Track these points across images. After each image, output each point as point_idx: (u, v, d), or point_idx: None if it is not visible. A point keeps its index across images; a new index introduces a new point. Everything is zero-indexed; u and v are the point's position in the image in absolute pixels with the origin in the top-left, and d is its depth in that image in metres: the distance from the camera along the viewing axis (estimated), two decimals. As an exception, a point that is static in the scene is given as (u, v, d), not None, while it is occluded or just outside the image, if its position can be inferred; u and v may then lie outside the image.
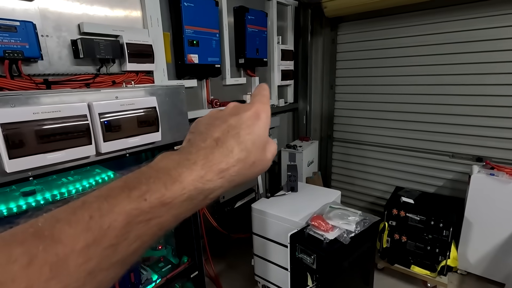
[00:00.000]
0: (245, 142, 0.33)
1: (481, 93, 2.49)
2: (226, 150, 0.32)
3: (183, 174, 0.29)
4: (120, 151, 1.27)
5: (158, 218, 0.28)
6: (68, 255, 0.23)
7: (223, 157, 0.31)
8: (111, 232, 0.25)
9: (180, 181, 0.29)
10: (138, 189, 0.27)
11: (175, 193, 0.28)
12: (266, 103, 0.37)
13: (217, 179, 0.31)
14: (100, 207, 0.26)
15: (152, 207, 0.27)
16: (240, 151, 0.32)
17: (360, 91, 3.19)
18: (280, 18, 3.06)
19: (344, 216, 1.82)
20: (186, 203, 0.29)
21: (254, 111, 0.35)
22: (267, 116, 0.36)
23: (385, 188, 3.20)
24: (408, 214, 2.37)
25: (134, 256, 0.27)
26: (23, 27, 1.29)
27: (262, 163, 0.35)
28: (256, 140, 0.34)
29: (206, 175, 0.30)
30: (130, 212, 0.26)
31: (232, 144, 0.32)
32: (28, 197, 1.22)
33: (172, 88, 1.48)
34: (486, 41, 2.39)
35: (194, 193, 0.29)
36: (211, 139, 0.32)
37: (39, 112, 0.95)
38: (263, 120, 0.35)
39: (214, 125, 0.34)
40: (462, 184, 2.66)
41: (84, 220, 0.25)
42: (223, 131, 0.33)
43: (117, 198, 0.27)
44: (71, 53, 1.56)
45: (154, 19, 1.88)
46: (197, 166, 0.30)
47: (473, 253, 2.36)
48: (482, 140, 2.56)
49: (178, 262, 1.81)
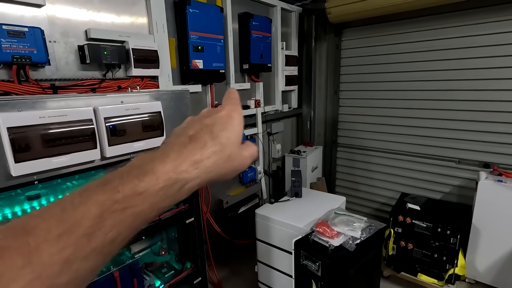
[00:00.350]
0: (219, 137, 0.35)
1: (488, 99, 2.47)
2: (200, 144, 0.33)
3: (156, 166, 0.31)
4: (124, 155, 1.27)
5: (133, 208, 0.29)
6: (40, 245, 0.24)
7: (197, 150, 0.33)
8: (85, 222, 0.26)
9: (153, 172, 0.30)
10: (112, 183, 0.29)
11: (149, 183, 0.30)
12: (237, 105, 0.40)
13: (192, 169, 0.32)
14: (73, 201, 0.27)
15: (126, 197, 0.28)
16: (214, 145, 0.34)
17: (365, 96, 3.18)
18: (284, 24, 3.08)
19: (350, 223, 1.79)
20: (161, 193, 0.30)
21: (226, 112, 0.38)
22: (239, 115, 0.38)
23: (390, 194, 3.17)
24: (414, 221, 2.33)
25: (112, 246, 0.28)
26: (32, 33, 1.31)
27: (240, 159, 0.37)
28: (230, 136, 0.36)
29: (180, 166, 0.31)
30: (104, 202, 0.27)
31: (205, 139, 0.34)
32: (33, 201, 1.22)
33: (177, 93, 1.49)
34: (493, 47, 2.38)
35: (168, 182, 0.30)
36: (185, 136, 0.34)
37: (45, 116, 0.96)
38: (236, 118, 0.37)
39: (189, 126, 0.36)
40: (469, 190, 2.62)
41: (57, 213, 0.26)
42: (197, 130, 0.35)
43: (91, 192, 0.28)
44: (78, 59, 1.58)
45: (160, 25, 1.90)
46: (170, 159, 0.32)
47: (482, 261, 2.31)
48: (489, 146, 2.53)
49: (181, 268, 1.80)
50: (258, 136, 2.80)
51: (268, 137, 3.16)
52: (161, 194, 0.30)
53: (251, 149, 0.39)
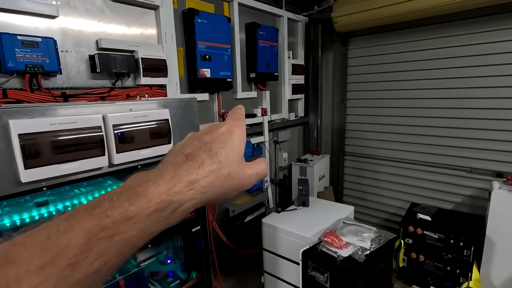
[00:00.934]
0: (218, 155, 0.33)
1: (499, 107, 2.42)
2: (196, 163, 0.32)
3: (149, 188, 0.29)
4: (132, 162, 1.28)
5: (122, 234, 0.27)
6: (20, 277, 0.22)
7: (193, 169, 0.31)
8: (69, 250, 0.24)
9: (145, 195, 0.29)
10: (101, 207, 0.27)
11: (140, 207, 0.28)
12: (240, 120, 0.38)
13: (187, 190, 0.31)
14: (58, 227, 0.25)
15: (115, 223, 0.27)
16: (212, 163, 0.32)
17: (372, 104, 3.16)
18: (291, 34, 3.10)
19: (359, 233, 1.75)
20: (153, 217, 0.29)
21: (227, 128, 0.36)
22: (241, 131, 0.37)
23: (400, 204, 3.10)
24: (425, 231, 2.27)
25: (97, 276, 0.26)
26: (45, 43, 1.34)
27: (241, 178, 0.35)
28: (230, 154, 0.34)
29: (174, 187, 0.30)
30: (91, 229, 0.26)
31: (203, 157, 0.33)
32: (41, 208, 1.23)
33: (184, 101, 1.50)
34: (502, 54, 2.35)
35: (161, 206, 0.29)
36: (181, 155, 0.33)
37: (56, 123, 0.97)
38: (237, 134, 0.36)
39: (188, 144, 0.35)
40: (482, 200, 2.54)
41: (41, 241, 0.24)
42: (195, 148, 0.34)
43: (78, 217, 0.26)
44: (88, 68, 1.61)
45: (168, 35, 1.94)
46: (164, 180, 0.30)
47: (497, 274, 2.22)
48: (502, 155, 2.46)
49: (186, 278, 1.77)
50: (264, 144, 2.79)
51: (275, 145, 3.15)
52: (152, 217, 0.29)
53: (258, 167, 0.37)
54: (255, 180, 0.37)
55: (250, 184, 0.36)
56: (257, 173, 0.37)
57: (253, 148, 2.70)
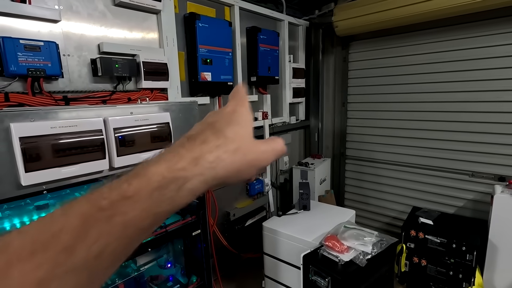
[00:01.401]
0: (223, 131, 0.32)
1: (501, 110, 2.42)
2: (199, 141, 0.31)
3: (149, 168, 0.28)
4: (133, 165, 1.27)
5: (122, 215, 0.25)
6: (10, 263, 0.22)
7: (195, 146, 0.30)
8: (63, 234, 0.23)
9: (145, 174, 0.27)
10: (99, 191, 0.26)
11: (139, 186, 0.27)
12: (242, 99, 0.37)
13: (192, 167, 0.29)
14: (53, 215, 0.25)
15: (113, 203, 0.25)
16: (217, 139, 0.31)
17: (373, 108, 3.16)
18: (291, 38, 3.12)
19: (360, 237, 1.74)
20: (156, 195, 0.27)
21: (231, 108, 0.35)
22: (246, 109, 0.35)
23: (401, 208, 3.08)
24: (427, 236, 2.26)
25: (98, 261, 0.25)
26: (47, 47, 1.35)
27: (254, 152, 0.33)
28: (237, 129, 0.33)
29: (176, 164, 0.28)
30: (87, 211, 0.25)
31: (206, 134, 0.31)
32: (42, 211, 1.23)
33: (185, 105, 1.51)
34: (503, 58, 2.35)
35: (163, 183, 0.27)
36: (184, 138, 0.32)
37: (57, 127, 0.98)
38: (242, 112, 0.35)
39: (192, 129, 0.34)
40: (484, 204, 2.53)
41: (34, 229, 0.24)
42: (198, 130, 0.33)
43: (75, 203, 0.26)
44: (90, 71, 1.62)
45: (170, 39, 1.95)
46: (165, 159, 0.29)
47: (500, 279, 2.19)
48: (504, 158, 2.45)
49: (186, 282, 1.76)
50: (265, 148, 2.79)
51: (276, 149, 3.15)
52: (155, 196, 0.27)
53: (274, 144, 0.35)
54: (272, 157, 0.35)
55: (267, 160, 0.34)
56: (274, 149, 0.35)
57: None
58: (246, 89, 0.40)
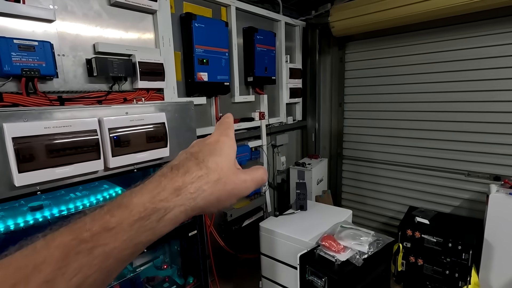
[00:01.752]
0: (205, 162, 0.33)
1: (496, 110, 2.44)
2: (182, 171, 0.31)
3: (132, 199, 0.29)
4: (128, 166, 1.27)
5: (103, 246, 0.26)
6: None
7: (178, 177, 0.31)
8: (45, 267, 0.24)
9: (127, 205, 0.28)
10: (82, 222, 0.27)
11: (121, 217, 0.27)
12: (227, 129, 0.38)
13: (173, 197, 0.29)
14: (35, 246, 0.25)
15: (94, 235, 0.26)
16: (199, 169, 0.32)
17: (370, 108, 3.17)
18: (288, 38, 3.12)
19: (356, 237, 1.74)
20: (137, 226, 0.27)
21: (215, 138, 0.36)
22: (229, 139, 0.36)
23: (398, 207, 3.09)
24: (423, 235, 2.26)
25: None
26: (41, 47, 1.34)
27: (234, 182, 0.34)
28: (218, 160, 0.33)
29: (158, 195, 0.29)
30: (68, 243, 0.25)
31: (189, 165, 0.32)
32: (36, 212, 1.22)
33: (181, 105, 1.50)
34: (499, 58, 2.37)
35: (144, 214, 0.28)
36: (167, 167, 0.32)
37: (50, 127, 0.97)
38: (225, 142, 0.36)
39: (176, 158, 0.35)
40: (480, 204, 2.54)
41: (16, 260, 0.24)
42: (181, 159, 0.33)
43: (57, 234, 0.26)
44: (85, 72, 1.61)
45: (166, 39, 1.95)
46: (148, 189, 0.30)
47: (496, 278, 2.20)
48: (500, 158, 2.47)
49: (183, 283, 1.76)
50: (262, 148, 2.79)
51: (273, 149, 3.15)
52: (136, 227, 0.27)
53: (254, 173, 0.36)
54: (253, 186, 0.36)
55: (247, 189, 0.35)
56: (253, 179, 0.36)
57: (251, 152, 2.70)
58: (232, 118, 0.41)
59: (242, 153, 2.56)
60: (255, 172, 0.36)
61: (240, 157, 2.53)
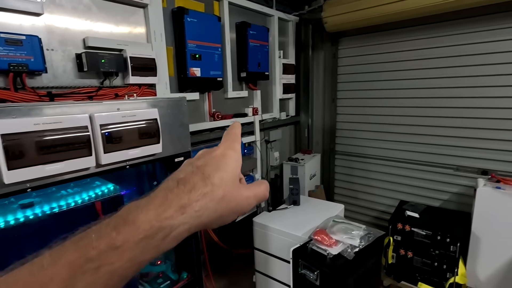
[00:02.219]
0: (211, 178, 0.32)
1: (485, 106, 2.48)
2: (188, 187, 0.31)
3: (138, 215, 0.28)
4: (120, 162, 1.26)
5: (109, 265, 0.26)
6: None
7: (184, 193, 0.30)
8: (52, 286, 0.24)
9: (133, 222, 0.28)
10: (88, 238, 0.27)
11: (127, 235, 0.27)
12: (234, 141, 0.37)
13: (178, 215, 0.29)
14: (42, 263, 0.25)
15: (101, 254, 0.26)
16: (204, 186, 0.31)
17: (362, 104, 3.20)
18: (281, 33, 3.11)
19: (348, 231, 1.77)
20: (142, 245, 0.28)
21: (221, 150, 0.36)
22: (236, 153, 0.36)
23: (389, 202, 3.15)
24: (413, 228, 2.31)
25: None
26: (29, 41, 1.31)
27: (238, 199, 0.34)
28: (224, 176, 0.33)
29: (164, 213, 0.29)
30: (75, 261, 0.25)
31: (195, 180, 0.32)
32: (27, 210, 1.20)
33: (174, 100, 1.49)
34: (488, 54, 2.41)
35: (150, 232, 0.28)
36: (173, 180, 0.32)
37: (40, 123, 0.95)
38: (231, 156, 0.35)
39: (181, 170, 0.34)
40: (468, 198, 2.61)
41: (23, 279, 0.24)
42: (187, 172, 0.33)
43: (63, 250, 0.26)
44: (75, 67, 1.59)
45: (157, 34, 1.92)
46: (154, 205, 0.29)
47: (483, 269, 2.28)
48: (487, 153, 2.53)
49: (177, 278, 1.76)
50: (256, 144, 2.80)
51: (266, 145, 3.16)
52: (141, 246, 0.28)
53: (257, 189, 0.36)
54: (254, 202, 0.36)
55: (249, 206, 0.35)
56: (256, 195, 0.36)
57: (244, 147, 2.70)
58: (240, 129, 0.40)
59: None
60: (258, 188, 0.36)
61: (233, 152, 2.53)
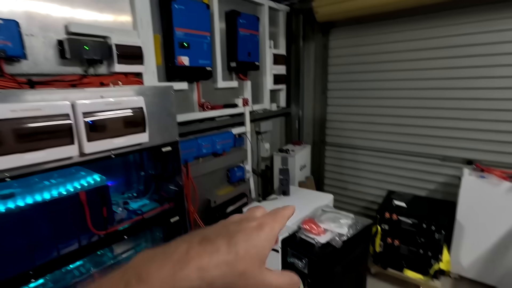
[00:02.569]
0: (237, 245, 0.29)
1: (471, 97, 2.52)
2: (211, 247, 0.29)
3: (152, 271, 0.26)
4: (105, 152, 1.23)
5: None
6: None
7: (206, 253, 0.28)
8: None
9: (146, 281, 0.26)
10: None
11: None
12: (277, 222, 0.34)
13: (195, 277, 0.27)
14: None
15: None
16: (228, 253, 0.29)
17: (352, 95, 3.21)
18: (272, 23, 3.07)
19: (336, 219, 1.79)
20: None
21: (259, 223, 0.33)
22: (272, 231, 0.33)
23: (378, 192, 3.20)
24: (400, 217, 2.36)
25: None
26: (6, 26, 1.26)
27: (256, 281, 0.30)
28: (250, 249, 0.30)
29: (180, 271, 0.27)
30: None
31: (220, 243, 0.29)
32: (8, 201, 1.17)
33: (160, 89, 1.46)
34: (476, 46, 2.43)
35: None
36: (199, 236, 0.30)
37: (17, 110, 0.92)
38: (267, 233, 0.32)
39: (213, 227, 0.32)
40: (453, 187, 2.67)
41: None
42: (216, 232, 0.31)
43: None
44: (57, 54, 1.53)
45: (144, 21, 1.87)
46: (171, 261, 0.27)
47: (466, 256, 2.35)
48: (472, 143, 2.58)
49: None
50: (246, 135, 2.78)
51: (257, 136, 3.15)
52: None
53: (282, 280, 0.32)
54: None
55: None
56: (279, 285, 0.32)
57: (235, 138, 2.69)
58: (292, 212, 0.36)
59: (225, 139, 2.54)
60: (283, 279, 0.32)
61: (223, 144, 2.52)
